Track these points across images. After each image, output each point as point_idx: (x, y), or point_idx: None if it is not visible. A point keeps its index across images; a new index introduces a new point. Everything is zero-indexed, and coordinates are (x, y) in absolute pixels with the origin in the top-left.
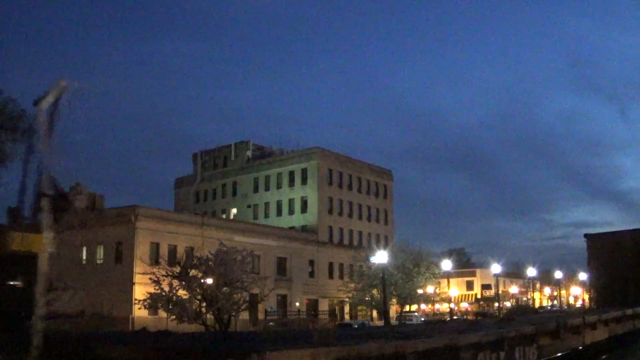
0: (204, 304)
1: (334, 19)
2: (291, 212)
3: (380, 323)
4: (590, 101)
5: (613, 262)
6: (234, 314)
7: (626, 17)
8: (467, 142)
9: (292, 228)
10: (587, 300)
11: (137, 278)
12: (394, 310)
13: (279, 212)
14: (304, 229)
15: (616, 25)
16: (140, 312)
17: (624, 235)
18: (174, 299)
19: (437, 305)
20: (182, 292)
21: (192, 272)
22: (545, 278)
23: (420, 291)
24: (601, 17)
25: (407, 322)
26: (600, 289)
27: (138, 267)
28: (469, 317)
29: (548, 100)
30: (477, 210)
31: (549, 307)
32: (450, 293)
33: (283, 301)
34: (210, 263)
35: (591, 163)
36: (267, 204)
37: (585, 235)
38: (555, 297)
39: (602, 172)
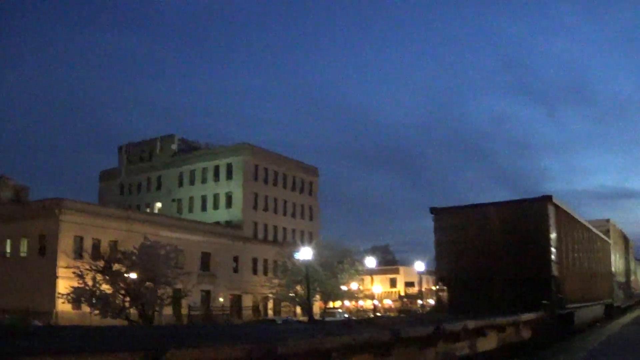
0: (128, 299)
1: (265, 15)
2: (216, 207)
3: (304, 319)
4: (520, 103)
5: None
6: (157, 309)
7: (557, 21)
8: (397, 141)
9: (216, 223)
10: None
11: (61, 272)
12: (317, 306)
13: (204, 207)
14: (228, 224)
15: (547, 28)
16: (63, 307)
17: (487, 209)
18: (98, 294)
19: (360, 302)
20: (105, 287)
21: (116, 267)
22: None
23: (344, 288)
24: (533, 20)
25: (331, 318)
26: (453, 284)
27: (62, 261)
28: (392, 314)
29: (478, 101)
30: (404, 209)
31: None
32: (373, 290)
33: (207, 297)
34: (134, 258)
35: (520, 164)
36: (191, 199)
37: (432, 210)
38: (421, 295)
39: (530, 173)
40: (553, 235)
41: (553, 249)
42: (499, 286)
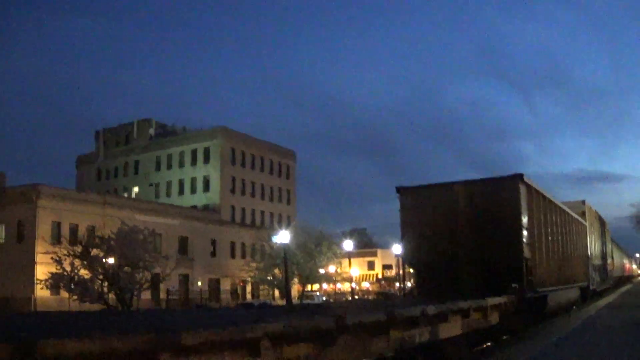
0: (106, 284)
1: (240, 1)
2: (193, 191)
3: (282, 302)
4: (496, 89)
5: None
6: (136, 293)
7: (533, 7)
8: (373, 126)
9: (194, 207)
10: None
11: (39, 258)
12: (295, 289)
13: (181, 191)
14: (206, 208)
15: (523, 14)
16: (42, 293)
17: (455, 188)
18: (76, 279)
19: (338, 285)
20: (84, 272)
21: (94, 252)
22: None
23: (321, 271)
24: (509, 6)
25: (309, 301)
26: (420, 267)
27: (40, 247)
28: (370, 297)
29: (454, 86)
30: (381, 193)
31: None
32: (351, 273)
33: (185, 281)
34: (112, 242)
35: (495, 149)
36: (169, 183)
37: (398, 190)
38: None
39: (506, 158)
40: (524, 216)
41: (524, 230)
42: (467, 269)
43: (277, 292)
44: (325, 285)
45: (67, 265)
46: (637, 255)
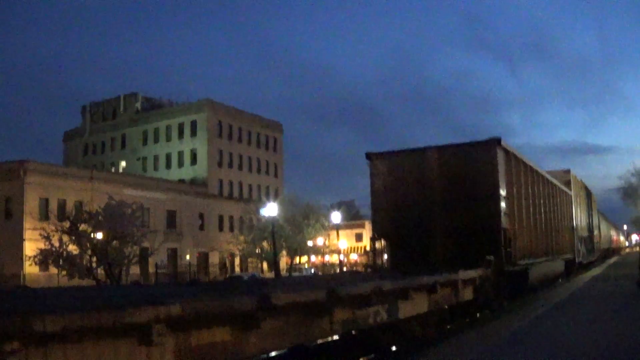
0: (95, 259)
1: None
2: (181, 164)
3: (271, 275)
4: (482, 59)
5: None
6: (124, 268)
7: None
8: (358, 98)
9: (181, 181)
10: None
11: (27, 234)
12: (284, 262)
13: (169, 165)
14: (193, 181)
15: None
16: (31, 269)
17: (428, 154)
18: (65, 255)
19: (327, 257)
20: (72, 248)
21: (82, 227)
22: None
23: (310, 243)
24: None
25: (297, 274)
26: (391, 239)
27: (28, 223)
28: (359, 269)
29: (440, 57)
30: (367, 165)
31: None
32: (339, 245)
33: (173, 255)
34: (99, 217)
35: (481, 120)
36: (156, 157)
37: (368, 155)
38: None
39: (491, 128)
40: (502, 183)
41: (502, 199)
42: (440, 240)
43: (265, 265)
44: (313, 258)
45: (55, 241)
46: (625, 227)
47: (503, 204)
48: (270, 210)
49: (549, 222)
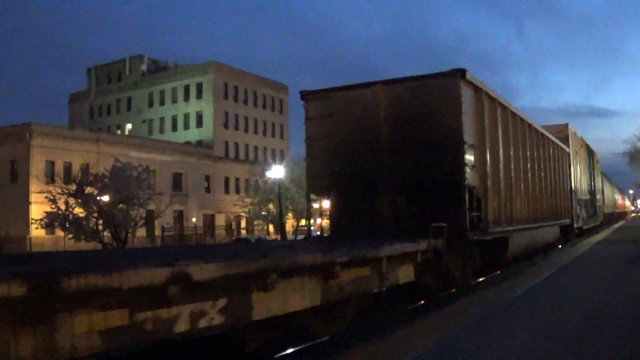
0: (101, 222)
1: None
2: (186, 126)
3: (277, 237)
4: (487, 18)
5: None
6: (130, 230)
7: None
8: (363, 56)
9: (187, 143)
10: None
11: (34, 197)
12: (290, 224)
13: (174, 127)
14: (199, 143)
15: None
16: (37, 232)
17: (373, 91)
18: (71, 218)
19: None
20: (78, 210)
21: (88, 190)
22: None
23: (316, 205)
24: None
25: (303, 236)
26: (330, 198)
27: (34, 186)
28: None
29: (444, 16)
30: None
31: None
32: None
33: (179, 217)
34: (106, 180)
35: (486, 80)
36: (162, 119)
37: (302, 95)
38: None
39: (497, 89)
40: (469, 128)
41: (468, 148)
42: (389, 201)
43: (271, 227)
44: (319, 220)
45: (61, 204)
46: (631, 192)
47: (469, 156)
48: (276, 172)
49: (539, 181)
